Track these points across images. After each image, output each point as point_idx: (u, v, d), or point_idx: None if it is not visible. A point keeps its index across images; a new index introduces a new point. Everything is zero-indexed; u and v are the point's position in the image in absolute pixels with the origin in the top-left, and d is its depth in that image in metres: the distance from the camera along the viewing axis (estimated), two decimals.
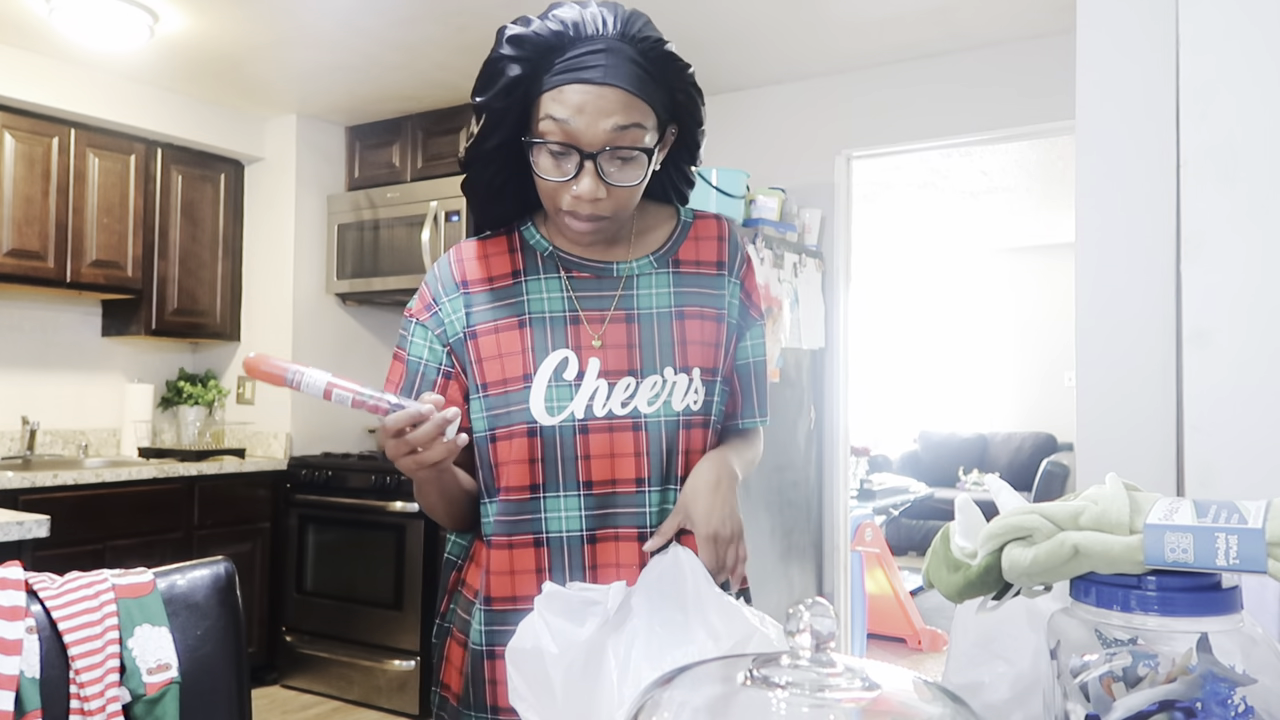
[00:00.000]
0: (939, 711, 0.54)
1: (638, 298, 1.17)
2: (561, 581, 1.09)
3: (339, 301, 4.49)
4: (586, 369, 1.13)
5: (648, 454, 1.13)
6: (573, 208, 1.09)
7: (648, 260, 1.19)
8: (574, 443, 1.12)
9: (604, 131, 1.04)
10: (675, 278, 1.19)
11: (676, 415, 1.14)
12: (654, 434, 1.13)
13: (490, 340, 1.15)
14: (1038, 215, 6.57)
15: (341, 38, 3.44)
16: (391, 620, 3.78)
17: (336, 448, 4.41)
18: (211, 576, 1.20)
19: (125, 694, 1.07)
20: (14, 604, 1.04)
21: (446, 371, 1.17)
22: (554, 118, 1.05)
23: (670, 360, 1.15)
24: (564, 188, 1.08)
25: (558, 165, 1.07)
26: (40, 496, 3.29)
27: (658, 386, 1.14)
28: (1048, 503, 0.65)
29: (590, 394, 1.12)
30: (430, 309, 1.19)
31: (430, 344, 1.18)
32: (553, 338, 1.14)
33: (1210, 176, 1.45)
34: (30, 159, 3.65)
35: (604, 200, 1.08)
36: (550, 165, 1.08)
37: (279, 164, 4.39)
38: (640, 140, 1.06)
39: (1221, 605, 0.57)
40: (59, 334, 4.09)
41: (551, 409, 1.12)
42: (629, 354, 1.14)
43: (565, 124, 1.04)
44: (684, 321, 1.17)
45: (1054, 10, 3.10)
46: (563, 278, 1.17)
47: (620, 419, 1.12)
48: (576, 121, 1.04)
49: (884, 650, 4.64)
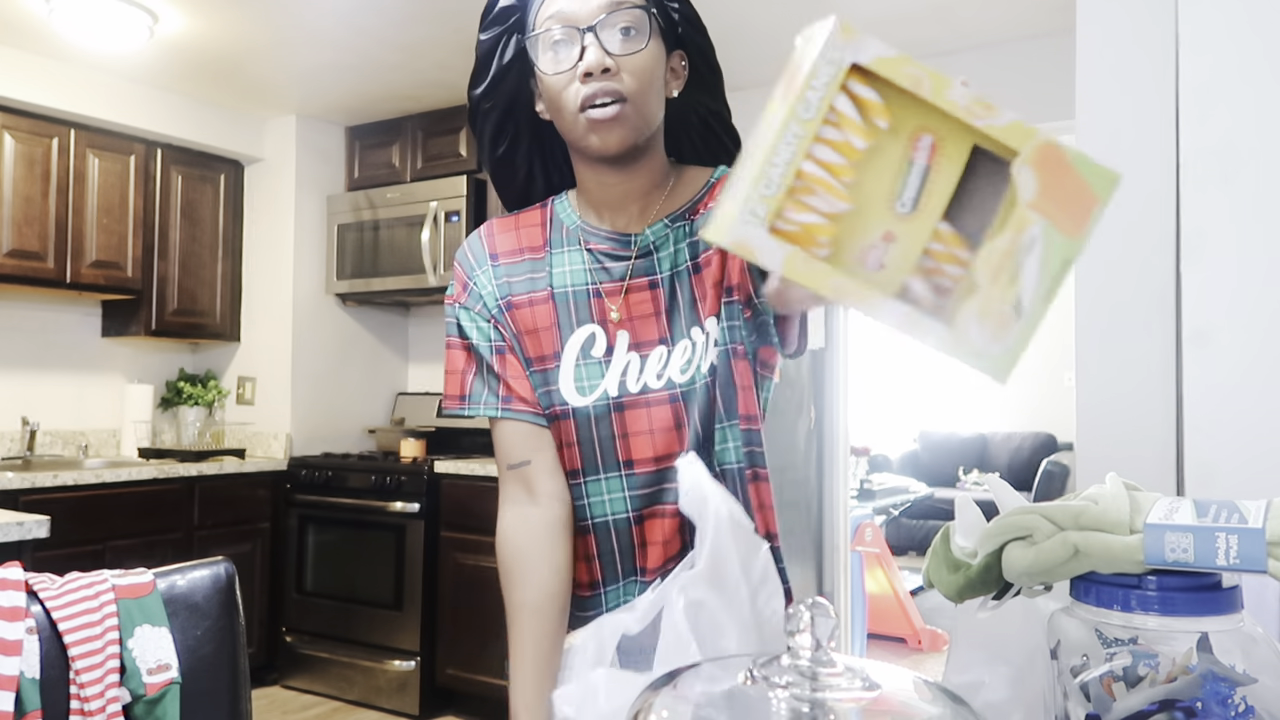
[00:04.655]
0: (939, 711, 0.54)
1: (658, 261, 1.11)
2: (612, 566, 1.09)
3: (339, 302, 4.49)
4: (616, 343, 1.10)
5: (689, 425, 1.08)
6: (588, 98, 1.03)
7: (662, 224, 1.12)
8: (610, 422, 1.09)
9: (597, 5, 1.03)
10: (689, 229, 1.12)
11: (708, 376, 1.08)
12: (690, 403, 1.08)
13: (526, 313, 1.13)
14: None
15: (341, 37, 3.44)
16: (391, 620, 3.78)
17: (336, 448, 4.41)
18: (211, 577, 1.20)
19: (125, 694, 1.07)
20: (14, 604, 1.04)
21: (498, 347, 1.13)
22: (549, 14, 1.05)
23: (695, 319, 1.09)
24: (572, 80, 1.04)
25: (559, 58, 1.05)
26: (40, 497, 3.29)
27: (688, 352, 1.09)
28: (1048, 503, 0.65)
29: (623, 369, 1.09)
30: (466, 288, 1.16)
31: (478, 324, 1.14)
32: (577, 313, 1.11)
33: (1210, 176, 1.45)
34: (30, 159, 3.65)
35: (614, 73, 1.03)
36: (552, 60, 1.05)
37: (279, 164, 4.39)
38: (637, 10, 1.05)
39: (1222, 605, 0.57)
40: (59, 334, 4.10)
41: (582, 389, 1.09)
42: (656, 322, 1.10)
43: (560, 12, 1.04)
44: (700, 274, 1.10)
45: (1053, 10, 3.10)
46: (583, 250, 1.13)
47: (656, 392, 1.09)
48: (569, 4, 1.04)
49: (884, 650, 4.64)
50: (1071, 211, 0.58)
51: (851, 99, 0.58)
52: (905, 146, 0.59)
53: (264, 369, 4.38)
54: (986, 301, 0.58)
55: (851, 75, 0.58)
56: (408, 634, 3.74)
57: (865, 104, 0.58)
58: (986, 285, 0.58)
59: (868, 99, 0.58)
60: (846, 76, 0.57)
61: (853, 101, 0.58)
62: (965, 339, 0.59)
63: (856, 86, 0.58)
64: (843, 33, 0.56)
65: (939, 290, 0.61)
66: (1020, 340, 0.58)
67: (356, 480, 3.91)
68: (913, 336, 0.59)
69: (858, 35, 0.56)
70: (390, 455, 4.11)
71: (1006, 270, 0.58)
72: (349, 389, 4.52)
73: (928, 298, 0.60)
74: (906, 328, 0.59)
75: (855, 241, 0.60)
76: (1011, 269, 0.58)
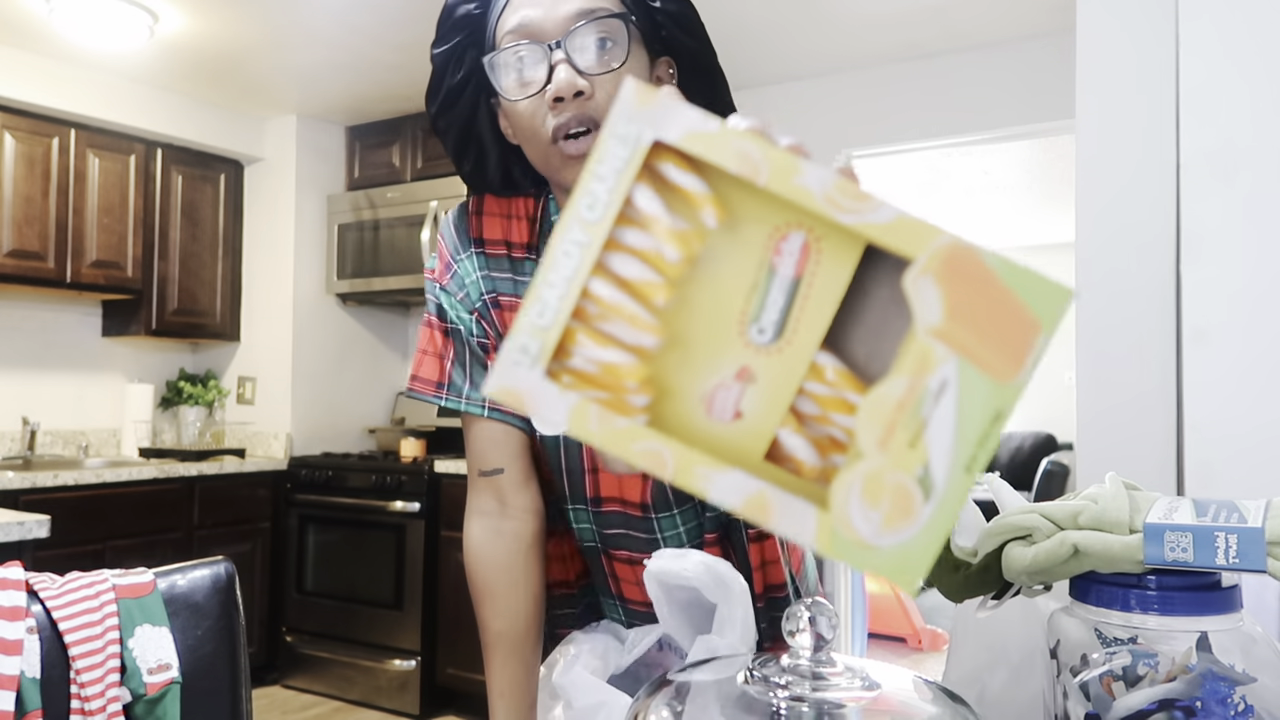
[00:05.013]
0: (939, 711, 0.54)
1: None
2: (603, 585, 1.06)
3: (339, 301, 4.49)
4: None
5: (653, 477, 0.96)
6: (560, 127, 0.90)
7: None
8: (580, 455, 1.02)
9: (566, 14, 0.89)
10: None
11: None
12: None
13: (510, 318, 1.02)
14: (1038, 215, 6.57)
15: (341, 37, 3.44)
16: (392, 620, 3.78)
17: (336, 448, 4.41)
18: (212, 576, 1.20)
19: (126, 694, 1.07)
20: (14, 604, 1.04)
21: (481, 344, 1.03)
22: (509, 29, 0.91)
23: None
24: (541, 104, 0.90)
25: (524, 79, 0.91)
26: (41, 497, 3.29)
27: None
28: (1048, 502, 0.65)
29: None
30: (450, 270, 1.04)
31: (459, 312, 1.03)
32: None
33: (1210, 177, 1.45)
34: (30, 159, 3.65)
35: (589, 96, 0.89)
36: (516, 83, 0.91)
37: (279, 164, 4.39)
38: (612, 20, 0.90)
39: (1221, 604, 0.58)
40: (59, 334, 4.10)
41: None
42: None
43: (523, 24, 0.89)
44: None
45: (1053, 10, 3.10)
46: None
47: None
48: (532, 13, 0.89)
49: (884, 650, 4.64)
50: (1000, 343, 0.40)
51: (660, 190, 0.43)
52: (760, 250, 0.43)
53: (264, 369, 4.38)
54: (876, 473, 0.41)
55: (664, 155, 0.43)
56: (408, 634, 3.74)
57: (684, 195, 0.43)
58: (874, 450, 0.41)
59: (688, 188, 0.43)
60: (655, 155, 0.42)
61: (660, 193, 0.43)
62: (845, 527, 0.41)
63: (670, 171, 0.43)
64: (638, 99, 0.42)
65: (825, 446, 0.44)
66: (932, 530, 0.41)
67: (357, 480, 3.92)
68: (764, 525, 0.42)
69: (663, 100, 0.42)
70: (390, 455, 4.11)
71: (905, 428, 0.41)
72: (349, 389, 4.52)
73: (807, 458, 0.44)
74: (755, 511, 0.42)
75: (692, 383, 0.44)
76: (912, 426, 0.41)
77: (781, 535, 0.41)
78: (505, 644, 1.01)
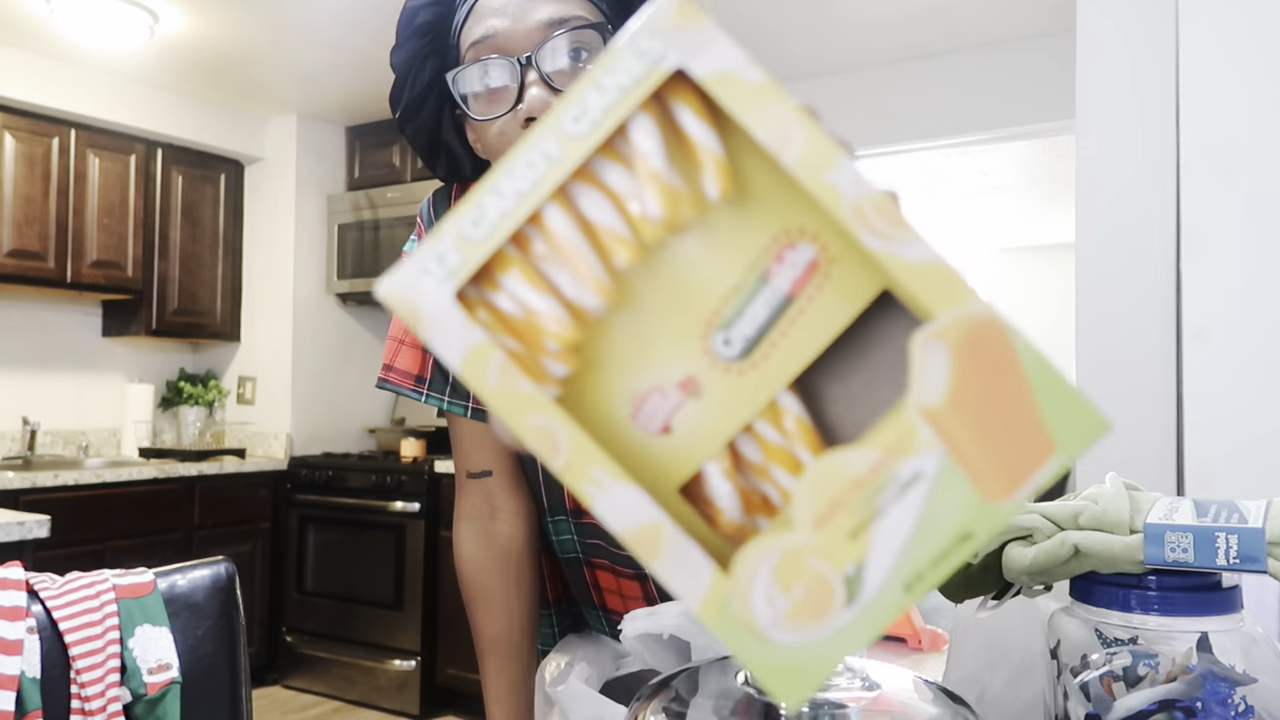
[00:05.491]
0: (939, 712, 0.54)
1: None
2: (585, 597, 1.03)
3: (339, 301, 4.49)
4: None
5: None
6: None
7: None
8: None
9: (536, 23, 0.82)
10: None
11: None
12: None
13: None
14: (1038, 215, 6.57)
15: (341, 37, 3.44)
16: (392, 620, 3.78)
17: (337, 448, 4.41)
18: (212, 576, 1.20)
19: (126, 694, 1.07)
20: (15, 604, 1.04)
21: None
22: (475, 40, 0.84)
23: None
24: (512, 123, 0.83)
25: (494, 97, 0.84)
26: (41, 497, 3.29)
27: None
28: (1048, 503, 0.65)
29: None
30: None
31: None
32: None
33: (1210, 176, 1.45)
34: (30, 159, 3.65)
35: None
36: (485, 101, 0.84)
37: (279, 164, 4.39)
38: (587, 29, 0.83)
39: (1221, 605, 0.58)
40: (59, 334, 4.10)
41: None
42: None
43: (490, 36, 0.83)
44: None
45: (1053, 10, 3.10)
46: None
47: None
48: (499, 24, 0.83)
49: (884, 650, 4.63)
50: (1000, 453, 0.32)
51: (664, 131, 0.34)
52: (758, 248, 0.35)
53: (264, 369, 4.38)
54: (799, 552, 0.33)
55: (679, 90, 0.34)
56: (408, 634, 3.74)
57: (690, 147, 0.34)
58: (807, 526, 0.33)
59: (698, 141, 0.34)
60: (665, 87, 0.34)
61: (662, 133, 0.34)
62: (740, 603, 0.33)
63: (683, 114, 0.34)
64: (676, 14, 0.33)
65: (754, 502, 0.37)
66: (839, 643, 0.33)
67: (357, 480, 3.92)
68: (647, 564, 0.34)
69: (704, 26, 0.33)
70: (390, 455, 4.11)
71: (853, 512, 0.33)
72: (349, 389, 4.52)
73: (729, 507, 0.36)
74: (642, 545, 0.33)
75: (625, 372, 0.36)
76: (862, 513, 0.33)
77: (663, 583, 0.34)
78: (500, 649, 1.00)
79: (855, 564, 0.33)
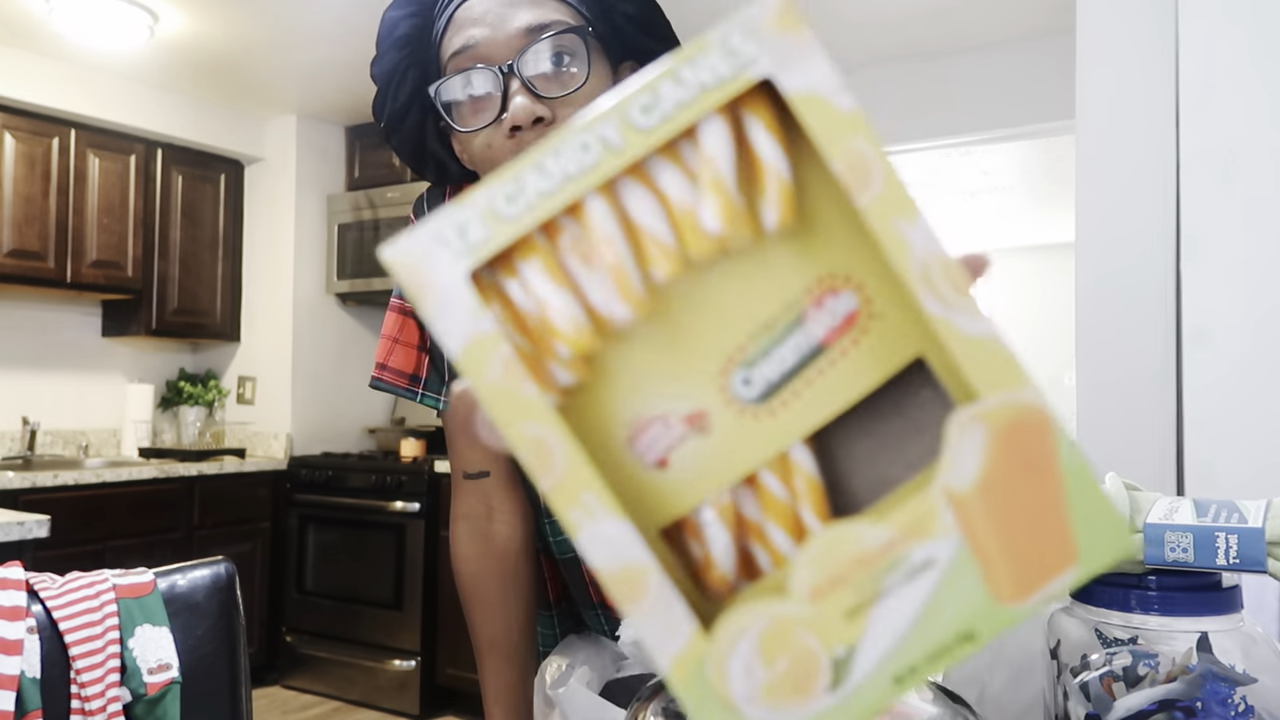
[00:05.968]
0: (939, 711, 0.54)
1: None
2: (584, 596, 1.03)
3: (339, 301, 4.49)
4: None
5: None
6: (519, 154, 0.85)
7: None
8: None
9: (516, 30, 0.81)
10: None
11: None
12: None
13: None
14: (1038, 215, 6.57)
15: (341, 37, 3.44)
16: (392, 620, 3.78)
17: (337, 448, 4.41)
18: (212, 576, 1.20)
19: (126, 694, 1.07)
20: (15, 604, 1.04)
21: None
22: (455, 50, 0.84)
23: None
24: (497, 133, 0.82)
25: (477, 108, 0.83)
26: (41, 496, 3.29)
27: None
28: None
29: None
30: None
31: None
32: None
33: (1210, 176, 1.45)
34: (30, 159, 3.65)
35: (550, 121, 0.81)
36: (468, 111, 0.84)
37: (279, 164, 4.39)
38: (568, 35, 0.82)
39: (1221, 605, 0.58)
40: (59, 334, 4.10)
41: None
42: None
43: (470, 45, 0.82)
44: None
45: (1053, 10, 3.10)
46: None
47: None
48: (478, 33, 0.82)
49: None
50: (1021, 555, 0.30)
51: (738, 138, 0.32)
52: (799, 287, 0.33)
53: (264, 369, 4.38)
54: (788, 623, 0.31)
55: (755, 101, 0.31)
56: (408, 634, 3.74)
57: (757, 166, 0.32)
58: (803, 596, 0.31)
59: (766, 162, 0.32)
60: (745, 96, 0.31)
61: (736, 142, 0.32)
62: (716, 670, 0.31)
63: (756, 130, 0.32)
64: (778, 18, 0.30)
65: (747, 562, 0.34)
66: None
67: (357, 480, 3.92)
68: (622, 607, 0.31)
69: (804, 37, 0.31)
70: (390, 455, 4.11)
71: (854, 590, 0.31)
72: (349, 389, 4.52)
73: (722, 560, 0.34)
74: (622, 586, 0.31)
75: (633, 394, 0.33)
76: (864, 592, 0.31)
77: (634, 629, 0.31)
78: (499, 651, 0.99)
79: (847, 646, 0.30)
